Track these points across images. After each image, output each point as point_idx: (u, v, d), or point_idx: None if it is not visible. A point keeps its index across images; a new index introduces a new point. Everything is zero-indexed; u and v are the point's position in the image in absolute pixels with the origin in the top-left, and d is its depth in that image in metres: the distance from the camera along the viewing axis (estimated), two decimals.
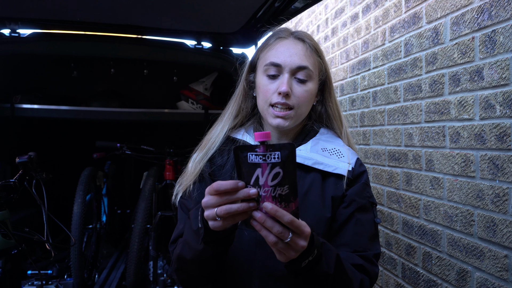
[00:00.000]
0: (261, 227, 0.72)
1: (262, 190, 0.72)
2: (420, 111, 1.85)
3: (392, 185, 2.12)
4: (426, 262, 1.81)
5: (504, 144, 1.35)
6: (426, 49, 1.81)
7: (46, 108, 2.58)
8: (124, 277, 2.56)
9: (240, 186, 0.72)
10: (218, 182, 0.73)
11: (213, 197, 0.74)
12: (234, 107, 1.13)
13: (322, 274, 0.82)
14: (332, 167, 1.03)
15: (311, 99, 1.07)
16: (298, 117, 1.05)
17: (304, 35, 1.08)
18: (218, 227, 0.75)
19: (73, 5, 1.89)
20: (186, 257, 0.92)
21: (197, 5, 1.89)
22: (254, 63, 1.12)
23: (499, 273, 1.37)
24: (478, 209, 1.48)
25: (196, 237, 0.87)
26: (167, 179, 2.81)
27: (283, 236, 0.72)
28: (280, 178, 0.71)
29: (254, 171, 0.72)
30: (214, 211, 0.74)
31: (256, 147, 0.72)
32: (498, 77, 1.38)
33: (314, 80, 1.05)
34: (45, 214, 1.42)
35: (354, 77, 2.61)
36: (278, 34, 1.09)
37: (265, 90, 1.03)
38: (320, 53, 1.09)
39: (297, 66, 1.01)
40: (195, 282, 1.00)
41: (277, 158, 0.71)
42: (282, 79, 1.01)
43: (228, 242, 0.88)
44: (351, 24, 2.67)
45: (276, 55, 1.03)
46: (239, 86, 1.14)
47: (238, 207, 0.72)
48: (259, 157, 0.71)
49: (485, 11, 1.45)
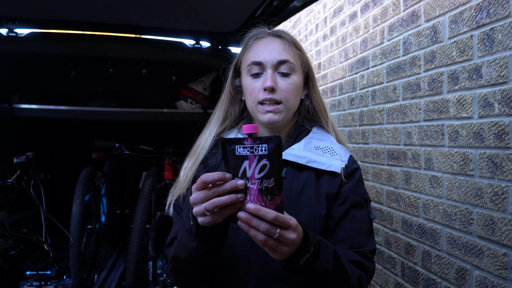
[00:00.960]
0: (249, 227, 0.73)
1: (250, 183, 0.73)
2: (419, 109, 1.85)
3: (391, 184, 2.12)
4: (426, 261, 1.81)
5: (502, 142, 1.35)
6: (424, 47, 1.81)
7: (44, 108, 2.57)
8: (124, 277, 2.56)
9: (228, 177, 0.73)
10: (205, 174, 0.74)
11: (201, 192, 0.75)
12: (221, 112, 1.15)
13: (322, 271, 0.82)
14: (326, 165, 1.04)
15: (298, 91, 1.08)
16: (288, 111, 1.06)
17: (280, 32, 1.11)
18: (208, 222, 0.76)
19: (71, 4, 1.89)
20: (180, 256, 0.92)
21: (196, 5, 1.89)
22: (238, 67, 1.15)
23: (498, 271, 1.37)
24: (477, 207, 1.48)
25: (189, 235, 0.87)
26: (166, 179, 2.81)
27: (271, 233, 0.72)
28: (267, 170, 0.72)
29: (242, 163, 0.73)
30: (203, 206, 0.74)
31: (244, 140, 0.73)
32: (497, 75, 1.38)
33: (297, 72, 1.07)
34: (44, 214, 1.42)
35: (353, 76, 2.60)
36: (256, 35, 1.12)
37: (251, 89, 1.05)
38: (299, 46, 1.12)
39: (278, 61, 1.03)
40: (191, 282, 1.00)
41: (264, 150, 0.72)
42: (265, 75, 1.03)
43: (221, 238, 0.88)
44: (349, 22, 2.67)
45: (256, 54, 1.05)
46: (225, 91, 1.17)
47: (226, 199, 0.72)
48: (246, 149, 0.73)
49: (483, 9, 1.45)
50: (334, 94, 2.91)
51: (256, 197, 0.73)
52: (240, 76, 1.14)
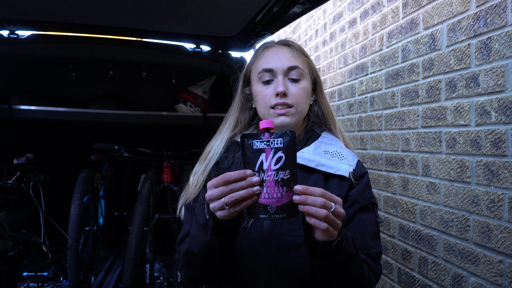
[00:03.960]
0: (308, 207, 0.75)
1: (266, 175, 0.78)
2: (417, 116, 1.87)
3: (389, 190, 2.13)
4: (422, 267, 1.81)
5: (499, 150, 1.37)
6: (423, 55, 1.83)
7: (44, 109, 2.58)
8: (121, 279, 2.55)
9: (248, 174, 0.78)
10: (227, 173, 0.79)
11: (218, 189, 0.79)
12: (232, 120, 1.19)
13: (346, 255, 0.85)
14: (334, 169, 1.06)
15: (308, 96, 1.12)
16: (299, 114, 1.10)
17: (288, 41, 1.17)
18: (226, 216, 0.79)
19: (72, 7, 1.90)
20: (193, 251, 0.95)
21: (196, 9, 1.91)
22: (248, 76, 1.20)
23: (493, 278, 1.38)
24: (474, 214, 1.49)
25: (203, 230, 0.91)
26: (164, 182, 2.81)
27: (328, 206, 0.75)
28: (282, 162, 0.77)
29: (259, 156, 0.78)
30: (221, 201, 0.78)
31: (261, 135, 0.80)
32: (494, 84, 1.39)
33: (306, 78, 1.12)
34: (42, 216, 1.42)
35: (352, 82, 2.62)
36: (265, 44, 1.18)
37: (263, 96, 1.09)
38: (306, 54, 1.17)
39: (288, 67, 1.08)
40: (202, 277, 1.03)
41: (280, 144, 0.78)
42: (277, 81, 1.08)
43: (234, 233, 0.91)
44: (349, 29, 2.69)
45: (267, 61, 1.10)
46: (235, 100, 1.21)
47: (243, 192, 0.76)
48: (263, 143, 0.79)
49: (480, 18, 1.46)
50: (333, 100, 2.93)
51: (273, 189, 0.77)
52: (249, 85, 1.18)
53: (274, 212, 0.78)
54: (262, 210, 0.78)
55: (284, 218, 0.78)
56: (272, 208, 0.78)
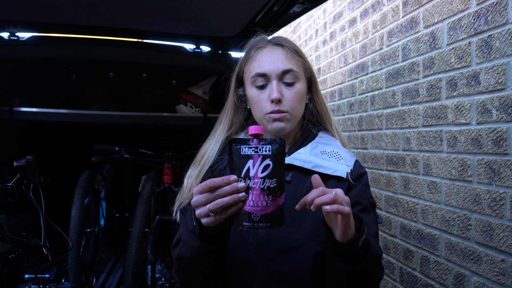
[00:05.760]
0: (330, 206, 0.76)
1: (252, 182, 0.75)
2: (418, 115, 1.86)
3: (390, 189, 2.13)
4: (424, 266, 1.81)
5: (500, 148, 1.36)
6: (423, 53, 1.82)
7: (45, 111, 2.58)
8: (122, 281, 2.55)
9: (232, 180, 0.76)
10: (211, 180, 0.77)
11: (203, 195, 0.77)
12: (226, 122, 1.17)
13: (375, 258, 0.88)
14: (331, 170, 1.04)
15: (303, 99, 1.10)
16: (294, 118, 1.08)
17: (281, 40, 1.12)
18: (211, 222, 0.78)
19: (72, 9, 1.90)
20: (185, 255, 0.94)
21: (196, 9, 1.90)
22: (240, 77, 1.16)
23: (496, 277, 1.37)
24: (475, 213, 1.48)
25: (192, 235, 0.89)
26: (165, 183, 2.81)
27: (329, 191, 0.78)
28: (269, 170, 0.75)
29: (246, 162, 0.76)
30: (206, 208, 0.77)
31: (249, 140, 0.77)
32: (495, 82, 1.39)
33: (301, 80, 1.08)
34: (43, 218, 1.42)
35: (352, 81, 2.62)
36: (257, 45, 1.12)
37: (257, 101, 1.07)
38: (301, 53, 1.13)
39: (282, 71, 1.05)
40: (195, 282, 1.01)
41: (268, 151, 0.76)
42: (271, 86, 1.04)
43: (223, 237, 0.90)
44: (349, 28, 2.68)
45: (260, 65, 1.06)
46: (228, 101, 1.18)
47: (229, 199, 0.75)
48: (251, 149, 0.76)
49: (481, 16, 1.46)
50: (334, 99, 2.92)
51: (258, 197, 0.75)
52: (243, 86, 1.15)
53: (258, 220, 0.76)
54: (246, 218, 0.76)
55: (267, 227, 0.76)
56: (256, 216, 0.76)
